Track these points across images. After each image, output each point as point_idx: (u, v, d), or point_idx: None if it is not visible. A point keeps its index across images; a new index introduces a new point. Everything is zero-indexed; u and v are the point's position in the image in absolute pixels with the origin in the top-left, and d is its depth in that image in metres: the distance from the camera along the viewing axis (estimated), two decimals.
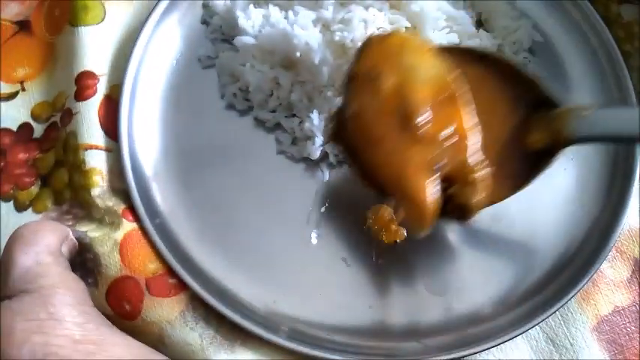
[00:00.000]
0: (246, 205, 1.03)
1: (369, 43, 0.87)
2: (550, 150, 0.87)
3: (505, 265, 0.99)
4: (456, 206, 0.82)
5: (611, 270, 0.99)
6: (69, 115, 1.07)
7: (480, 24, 1.13)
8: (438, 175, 0.80)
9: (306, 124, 1.03)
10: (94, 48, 1.10)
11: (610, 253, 0.98)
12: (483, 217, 1.01)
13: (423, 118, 0.81)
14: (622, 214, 0.99)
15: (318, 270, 0.99)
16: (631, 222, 1.01)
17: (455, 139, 0.81)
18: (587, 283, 0.95)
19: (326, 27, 1.04)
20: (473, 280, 0.98)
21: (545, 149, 0.87)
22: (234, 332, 0.93)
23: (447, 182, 0.81)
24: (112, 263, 0.95)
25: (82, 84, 1.08)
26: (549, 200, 1.04)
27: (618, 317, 0.97)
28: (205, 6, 1.16)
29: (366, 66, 0.84)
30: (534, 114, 0.89)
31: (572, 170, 1.06)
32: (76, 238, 0.96)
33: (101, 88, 1.08)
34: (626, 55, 1.10)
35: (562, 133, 0.86)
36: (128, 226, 0.98)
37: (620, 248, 1.00)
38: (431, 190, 0.80)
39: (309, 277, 0.98)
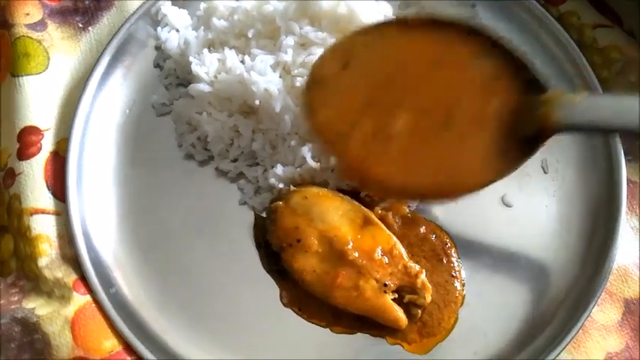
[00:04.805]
0: (210, 265, 0.95)
1: (275, 211, 0.92)
2: (537, 136, 0.79)
3: (486, 319, 0.92)
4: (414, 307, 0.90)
5: (601, 314, 0.94)
6: (12, 175, 0.98)
7: None
8: (391, 289, 0.88)
9: (271, 179, 0.96)
10: (38, 100, 1.02)
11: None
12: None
13: (354, 249, 0.88)
14: (609, 253, 0.94)
15: (294, 333, 0.91)
16: (619, 259, 0.96)
17: (388, 250, 0.89)
18: (578, 332, 0.89)
19: (286, 71, 0.97)
20: (451, 338, 0.91)
21: (532, 135, 0.79)
22: None
23: (399, 292, 0.89)
24: (64, 343, 0.87)
25: (26, 140, 0.99)
26: (530, 242, 0.97)
27: None
28: (158, 48, 1.09)
29: (285, 235, 0.90)
30: (522, 96, 0.81)
31: (553, 207, 1.00)
32: (23, 318, 0.87)
33: (46, 144, 1.00)
34: (603, 82, 1.05)
35: (550, 119, 0.77)
36: (80, 300, 0.90)
37: (608, 289, 0.95)
38: (394, 306, 0.88)
39: (285, 342, 0.91)
